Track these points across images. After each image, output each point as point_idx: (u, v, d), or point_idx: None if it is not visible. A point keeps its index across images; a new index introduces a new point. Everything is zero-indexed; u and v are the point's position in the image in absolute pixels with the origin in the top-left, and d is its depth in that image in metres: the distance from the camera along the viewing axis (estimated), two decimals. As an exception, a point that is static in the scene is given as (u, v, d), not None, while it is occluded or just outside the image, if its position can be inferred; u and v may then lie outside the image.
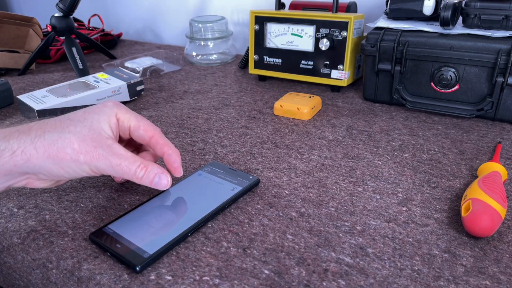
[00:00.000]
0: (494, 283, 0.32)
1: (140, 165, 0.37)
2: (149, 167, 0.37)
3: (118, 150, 0.36)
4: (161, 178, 0.38)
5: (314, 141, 0.55)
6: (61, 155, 0.34)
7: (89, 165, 0.35)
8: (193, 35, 0.93)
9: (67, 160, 0.34)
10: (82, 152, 0.34)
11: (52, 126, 0.35)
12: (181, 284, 0.32)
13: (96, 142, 0.35)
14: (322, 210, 0.41)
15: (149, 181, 0.38)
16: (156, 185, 0.38)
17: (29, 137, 0.33)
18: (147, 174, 0.37)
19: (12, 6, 1.70)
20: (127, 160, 0.36)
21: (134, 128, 0.40)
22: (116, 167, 0.35)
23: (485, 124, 0.59)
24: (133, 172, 0.36)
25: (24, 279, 0.38)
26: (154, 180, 0.38)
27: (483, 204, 0.36)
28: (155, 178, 0.38)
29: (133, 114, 0.40)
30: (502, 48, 0.55)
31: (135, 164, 0.36)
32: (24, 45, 0.94)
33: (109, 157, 0.35)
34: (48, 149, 0.33)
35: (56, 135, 0.34)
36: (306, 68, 0.73)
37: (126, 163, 0.36)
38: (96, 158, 0.35)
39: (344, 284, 0.32)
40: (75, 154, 0.34)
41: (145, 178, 0.37)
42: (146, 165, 0.37)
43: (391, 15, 0.66)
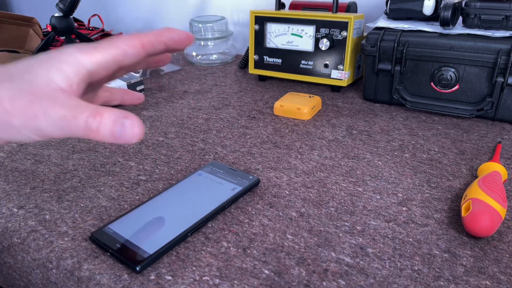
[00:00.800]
0: (494, 283, 0.32)
1: (92, 113, 0.27)
2: (104, 113, 0.27)
3: (64, 100, 0.27)
4: (125, 125, 0.27)
5: (314, 141, 0.55)
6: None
7: (28, 128, 0.27)
8: (193, 35, 0.93)
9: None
10: (14, 112, 0.26)
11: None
12: (181, 284, 0.32)
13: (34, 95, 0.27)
14: (322, 210, 0.41)
15: (108, 132, 0.27)
16: (120, 136, 0.27)
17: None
18: (103, 122, 0.27)
19: (12, 6, 1.70)
20: (74, 109, 0.27)
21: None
22: (60, 121, 0.26)
23: (485, 124, 0.59)
24: (83, 124, 0.26)
25: (24, 279, 0.38)
26: (115, 130, 0.27)
27: (483, 204, 0.36)
28: (115, 127, 0.27)
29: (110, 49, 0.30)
30: (502, 48, 0.55)
31: (83, 113, 0.27)
32: (24, 45, 0.94)
33: (49, 111, 0.26)
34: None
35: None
36: (306, 68, 0.73)
37: (72, 113, 0.26)
38: (33, 116, 0.26)
39: (344, 284, 0.32)
40: (7, 116, 0.26)
41: (102, 128, 0.27)
42: (100, 111, 0.27)
43: (391, 15, 0.66)
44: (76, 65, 0.28)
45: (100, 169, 0.49)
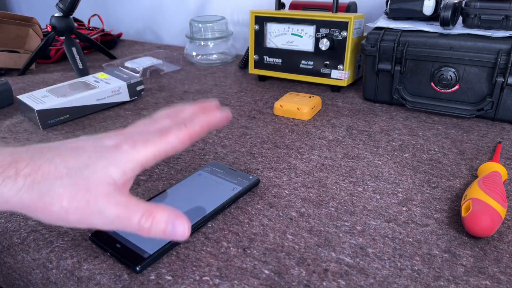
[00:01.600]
0: (494, 283, 0.32)
1: (144, 214, 0.29)
2: (157, 215, 0.30)
3: (118, 198, 0.29)
4: (176, 226, 0.30)
5: (314, 141, 0.55)
6: (48, 212, 0.28)
7: (82, 223, 0.29)
8: (193, 35, 0.93)
9: (54, 218, 0.29)
10: (71, 211, 0.28)
11: (44, 175, 0.29)
12: (181, 284, 0.32)
13: (91, 194, 0.28)
14: (322, 210, 0.41)
15: (160, 232, 0.30)
16: (170, 235, 0.30)
17: (15, 187, 0.28)
18: (156, 224, 0.29)
19: (12, 6, 1.70)
20: (128, 209, 0.29)
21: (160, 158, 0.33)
22: (114, 220, 0.29)
23: (485, 124, 0.59)
24: (136, 224, 0.29)
25: (24, 279, 0.38)
26: (167, 230, 0.30)
27: (483, 204, 0.36)
28: (167, 227, 0.30)
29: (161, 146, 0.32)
30: (502, 48, 0.55)
31: (137, 214, 0.29)
32: (24, 45, 0.94)
33: (105, 211, 0.29)
34: (34, 203, 0.28)
35: (45, 188, 0.28)
36: (306, 68, 0.73)
37: (126, 214, 0.29)
38: (89, 215, 0.28)
39: (344, 284, 0.32)
40: (64, 213, 0.28)
41: (154, 229, 0.29)
42: (152, 212, 0.30)
43: (391, 15, 0.66)
44: (133, 162, 0.30)
45: (100, 169, 0.49)
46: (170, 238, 0.30)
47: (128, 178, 0.31)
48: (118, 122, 0.63)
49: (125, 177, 0.30)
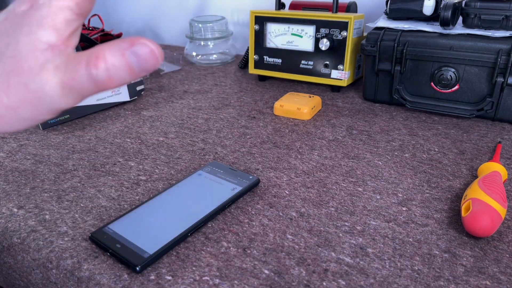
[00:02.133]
0: (494, 283, 0.32)
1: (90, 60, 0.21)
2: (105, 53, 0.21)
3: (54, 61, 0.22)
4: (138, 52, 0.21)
5: (314, 141, 0.55)
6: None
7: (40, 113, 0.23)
8: (193, 35, 0.93)
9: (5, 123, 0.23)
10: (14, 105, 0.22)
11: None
12: (181, 284, 0.32)
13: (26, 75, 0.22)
14: (322, 210, 0.41)
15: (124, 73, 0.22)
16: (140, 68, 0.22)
17: None
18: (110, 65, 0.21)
19: (12, 6, 1.70)
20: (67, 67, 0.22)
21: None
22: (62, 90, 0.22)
23: (485, 124, 0.59)
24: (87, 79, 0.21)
25: (24, 279, 0.38)
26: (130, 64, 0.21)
27: (483, 204, 0.36)
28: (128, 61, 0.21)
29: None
30: (502, 48, 0.55)
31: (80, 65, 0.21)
32: (24, 45, 0.94)
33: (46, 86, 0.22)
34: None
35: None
36: (306, 68, 0.73)
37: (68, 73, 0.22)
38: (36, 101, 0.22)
39: (344, 284, 0.32)
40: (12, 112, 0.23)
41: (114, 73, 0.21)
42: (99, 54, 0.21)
43: (391, 15, 0.66)
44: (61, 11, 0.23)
45: (100, 169, 0.49)
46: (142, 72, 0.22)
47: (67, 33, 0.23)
48: (118, 122, 0.63)
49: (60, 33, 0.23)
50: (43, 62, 0.22)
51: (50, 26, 0.22)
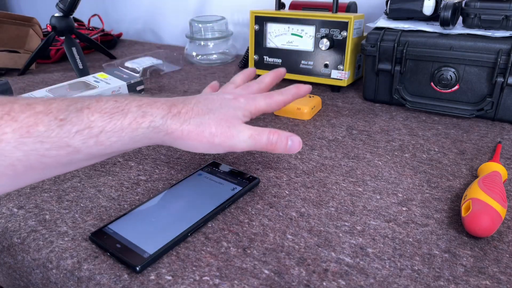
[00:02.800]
0: (494, 283, 0.32)
1: (271, 131, 0.41)
2: (279, 132, 0.41)
3: (247, 126, 0.41)
4: (294, 141, 0.41)
5: (314, 141, 0.55)
6: (200, 137, 0.38)
7: (224, 145, 0.39)
8: (193, 35, 0.93)
9: (204, 143, 0.38)
10: (217, 134, 0.38)
11: (196, 113, 0.39)
12: (181, 284, 0.32)
13: (229, 123, 0.40)
14: (322, 210, 0.41)
15: (283, 145, 0.41)
16: (290, 149, 0.41)
17: (179, 121, 0.38)
18: (280, 138, 0.41)
19: (12, 6, 1.70)
20: (257, 130, 0.40)
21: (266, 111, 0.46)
22: (249, 139, 0.39)
23: (485, 124, 0.59)
24: (266, 139, 0.40)
25: (24, 279, 0.38)
26: (288, 144, 0.41)
27: (483, 204, 0.36)
28: (288, 141, 0.41)
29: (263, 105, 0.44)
30: (502, 48, 0.55)
31: (265, 132, 0.40)
32: (24, 45, 0.94)
33: (240, 133, 0.39)
34: (192, 131, 0.38)
35: (199, 120, 0.38)
36: (306, 68, 0.73)
37: (257, 132, 0.40)
38: (230, 137, 0.39)
39: (344, 284, 0.32)
40: (212, 137, 0.38)
41: (279, 142, 0.41)
42: (276, 131, 0.41)
43: (391, 15, 0.66)
44: (248, 110, 0.43)
45: (100, 169, 0.49)
46: (289, 151, 0.41)
47: (246, 119, 0.42)
48: (118, 122, 0.63)
49: (244, 118, 0.42)
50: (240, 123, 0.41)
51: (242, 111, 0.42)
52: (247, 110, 0.43)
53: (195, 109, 0.40)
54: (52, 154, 0.31)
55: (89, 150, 0.33)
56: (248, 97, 0.44)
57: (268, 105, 0.45)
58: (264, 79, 0.52)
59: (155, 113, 0.37)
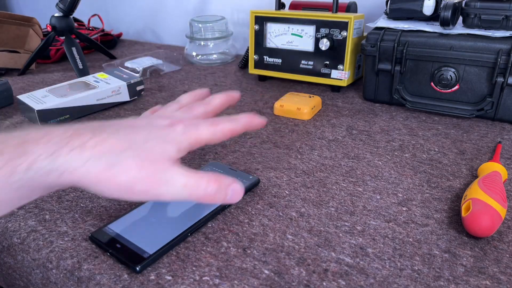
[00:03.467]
0: (494, 283, 0.32)
1: (210, 179, 0.32)
2: (220, 180, 0.33)
3: (181, 170, 0.32)
4: (235, 190, 0.34)
5: (314, 141, 0.55)
6: (114, 182, 0.30)
7: (148, 194, 0.31)
8: (193, 35, 0.93)
9: (119, 189, 0.30)
10: (138, 180, 0.30)
11: (110, 147, 0.30)
12: (181, 284, 0.32)
13: (156, 165, 0.31)
14: (322, 210, 0.41)
15: (223, 197, 0.33)
16: (229, 200, 0.34)
17: (81, 157, 0.29)
18: (220, 189, 0.33)
19: (12, 6, 1.70)
20: (193, 177, 0.32)
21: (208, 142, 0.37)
22: (181, 188, 0.31)
23: (485, 124, 0.59)
24: (203, 190, 0.32)
25: (24, 279, 0.38)
26: (228, 195, 0.33)
27: (483, 204, 0.36)
28: (228, 192, 0.33)
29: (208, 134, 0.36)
30: (502, 48, 0.55)
31: (203, 180, 0.32)
32: (24, 45, 0.94)
33: (171, 181, 0.31)
34: (101, 173, 0.29)
35: (113, 159, 0.30)
36: (306, 68, 0.73)
37: (192, 181, 0.32)
38: (156, 184, 0.31)
39: (344, 284, 0.32)
40: (130, 183, 0.30)
41: (218, 194, 0.33)
42: (217, 178, 0.33)
43: (391, 15, 0.66)
44: (185, 143, 0.34)
45: (100, 169, 0.49)
46: (227, 202, 0.34)
47: (180, 155, 0.34)
48: (118, 122, 0.63)
49: (179, 154, 0.33)
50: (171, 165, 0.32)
51: (176, 146, 0.33)
52: (184, 142, 0.34)
53: (109, 142, 0.30)
54: None
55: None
56: (189, 123, 0.35)
57: (213, 135, 0.36)
58: (213, 101, 0.41)
59: (40, 151, 0.28)
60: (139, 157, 0.31)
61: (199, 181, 0.32)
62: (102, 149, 0.30)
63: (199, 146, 0.36)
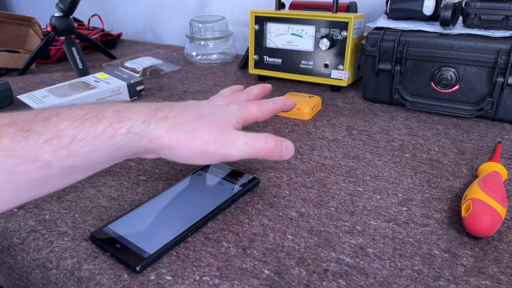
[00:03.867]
0: (494, 283, 0.32)
1: (268, 137, 0.38)
2: (275, 137, 0.39)
3: (241, 133, 0.37)
4: (288, 146, 0.40)
5: (314, 141, 0.55)
6: (191, 145, 0.34)
7: (218, 154, 0.35)
8: (193, 35, 0.93)
9: (195, 151, 0.35)
10: (211, 142, 0.35)
11: (186, 118, 0.35)
12: (181, 284, 0.32)
13: (224, 129, 0.36)
14: (322, 210, 0.41)
15: (279, 151, 0.39)
16: (284, 154, 0.39)
17: (165, 125, 0.34)
18: (277, 144, 0.39)
19: (12, 6, 1.70)
20: (254, 136, 0.38)
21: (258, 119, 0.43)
22: (244, 145, 0.36)
23: (485, 124, 0.59)
24: (264, 145, 0.37)
25: (24, 279, 0.38)
26: (283, 149, 0.39)
27: (483, 204, 0.36)
28: (283, 146, 0.39)
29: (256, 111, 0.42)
30: (502, 48, 0.55)
31: (262, 137, 0.38)
32: (24, 45, 0.94)
33: (236, 140, 0.36)
34: (180, 139, 0.34)
35: (189, 126, 0.35)
36: (306, 68, 0.73)
37: (253, 139, 0.37)
38: (225, 144, 0.36)
39: (344, 284, 0.32)
40: (204, 145, 0.35)
41: (277, 149, 0.38)
42: (273, 136, 0.39)
43: (391, 15, 0.66)
44: (241, 117, 0.40)
45: (100, 169, 0.49)
46: (283, 157, 0.39)
47: (240, 125, 0.40)
48: (118, 122, 0.63)
49: (238, 125, 0.39)
50: (235, 129, 0.38)
51: (236, 117, 0.39)
52: (240, 117, 0.40)
53: (184, 114, 0.35)
54: (21, 170, 0.28)
55: (62, 163, 0.29)
56: (240, 103, 0.42)
57: (261, 112, 0.42)
58: (252, 90, 0.48)
59: (135, 118, 0.32)
60: (209, 125, 0.36)
61: (259, 138, 0.37)
62: (180, 120, 0.35)
63: (250, 122, 0.41)
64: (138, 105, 0.34)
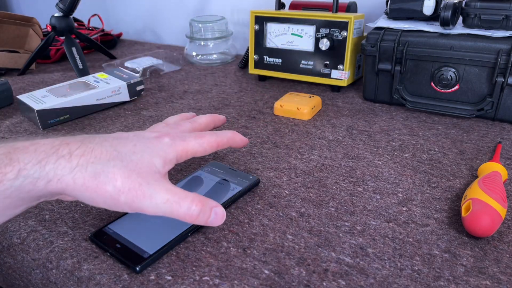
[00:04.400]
0: (494, 283, 0.32)
1: (194, 201, 0.32)
2: (204, 201, 0.32)
3: (166, 185, 0.32)
4: (217, 213, 0.33)
5: (314, 141, 0.55)
6: (100, 191, 0.30)
7: (131, 206, 0.31)
8: (193, 35, 0.93)
9: (105, 198, 0.30)
10: (124, 191, 0.30)
11: (96, 156, 0.31)
12: (181, 284, 0.32)
13: (142, 177, 0.31)
14: (322, 210, 0.41)
15: (205, 219, 0.33)
16: (211, 223, 0.33)
17: (68, 165, 0.29)
18: (203, 210, 0.32)
19: (12, 6, 1.70)
20: (177, 195, 0.32)
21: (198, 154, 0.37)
22: (163, 204, 0.31)
23: (485, 124, 0.59)
24: (185, 209, 0.32)
25: (24, 279, 0.38)
26: (211, 218, 0.33)
27: (483, 204, 0.36)
28: (211, 215, 0.33)
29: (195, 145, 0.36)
30: (502, 48, 0.55)
31: (187, 200, 0.32)
32: (24, 45, 0.94)
33: (155, 195, 0.31)
34: (87, 182, 0.29)
35: (99, 168, 0.30)
36: (306, 68, 0.73)
37: (175, 198, 0.31)
38: (140, 197, 0.30)
39: (344, 284, 0.32)
40: (116, 193, 0.30)
41: (201, 216, 0.32)
42: (200, 199, 0.32)
43: (391, 15, 0.66)
44: (172, 154, 0.34)
45: (100, 169, 0.49)
46: (209, 224, 0.33)
47: (167, 168, 0.34)
48: (118, 122, 0.63)
49: (165, 167, 0.34)
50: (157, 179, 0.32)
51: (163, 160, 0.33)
52: (170, 154, 0.34)
53: (96, 151, 0.31)
54: None
55: None
56: (176, 136, 0.36)
57: (201, 146, 0.36)
58: (199, 120, 0.43)
59: (27, 159, 0.28)
60: (125, 168, 0.31)
61: (183, 199, 0.32)
62: (89, 158, 0.30)
63: (186, 158, 0.36)
64: (40, 142, 0.30)
